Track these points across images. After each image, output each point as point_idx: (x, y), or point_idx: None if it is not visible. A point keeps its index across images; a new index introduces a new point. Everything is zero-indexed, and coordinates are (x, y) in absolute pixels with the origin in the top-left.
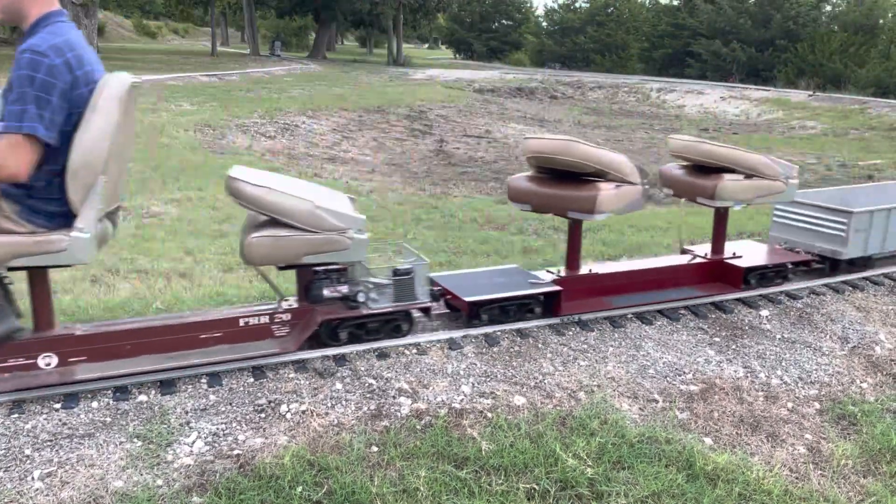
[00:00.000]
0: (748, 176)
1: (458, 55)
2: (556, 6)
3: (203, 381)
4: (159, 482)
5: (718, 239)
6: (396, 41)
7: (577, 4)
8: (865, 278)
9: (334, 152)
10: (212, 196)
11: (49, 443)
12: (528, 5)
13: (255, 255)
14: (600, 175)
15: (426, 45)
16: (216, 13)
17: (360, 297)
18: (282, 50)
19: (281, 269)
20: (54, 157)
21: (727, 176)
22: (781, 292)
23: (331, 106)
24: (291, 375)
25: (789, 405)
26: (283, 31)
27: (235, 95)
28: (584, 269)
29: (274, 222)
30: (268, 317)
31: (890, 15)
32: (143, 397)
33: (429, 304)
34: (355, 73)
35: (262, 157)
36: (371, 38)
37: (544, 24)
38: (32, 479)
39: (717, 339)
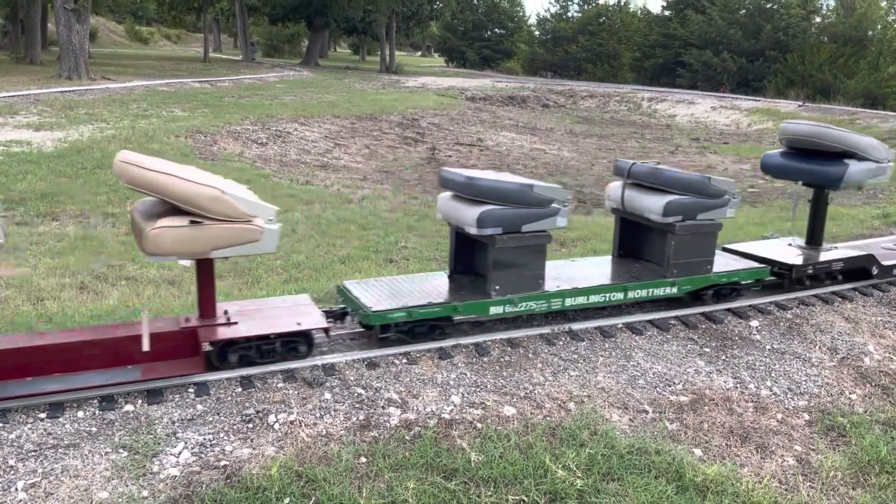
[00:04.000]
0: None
1: (450, 63)
2: (548, 15)
3: (191, 390)
4: (145, 493)
5: None
6: (389, 48)
7: (570, 14)
8: (854, 289)
9: (326, 159)
10: None
11: (34, 453)
12: (521, 14)
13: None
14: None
15: (419, 53)
16: (209, 19)
17: None
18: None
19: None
20: None
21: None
22: (771, 302)
23: (323, 113)
24: (280, 385)
25: (779, 416)
26: (275, 38)
27: (227, 102)
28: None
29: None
30: None
31: (879, 26)
32: (129, 407)
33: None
34: (348, 81)
35: (253, 164)
36: (364, 46)
37: (536, 32)
38: (16, 489)
39: (707, 350)
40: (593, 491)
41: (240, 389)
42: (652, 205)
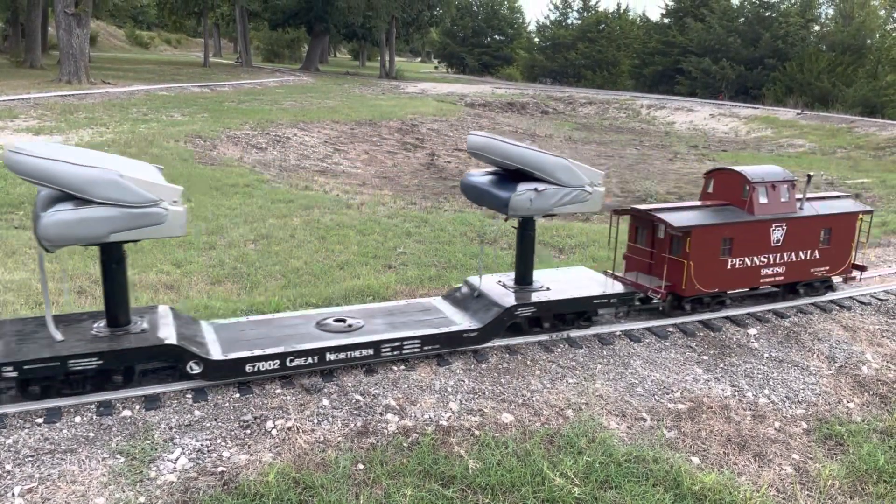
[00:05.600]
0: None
1: (449, 69)
2: (547, 22)
3: (188, 395)
4: (142, 500)
5: None
6: (389, 54)
7: (569, 21)
8: (852, 297)
9: (325, 165)
10: (202, 207)
11: (30, 458)
12: (521, 21)
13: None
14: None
15: (419, 59)
16: (209, 24)
17: None
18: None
19: None
20: None
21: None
22: (769, 310)
23: (323, 118)
24: (278, 391)
25: (776, 425)
26: (276, 44)
27: (227, 106)
28: None
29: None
30: None
31: (877, 35)
32: (127, 412)
33: None
34: (347, 86)
35: (253, 169)
36: (364, 51)
37: (536, 39)
38: (13, 495)
39: (705, 358)
40: (591, 499)
41: (237, 395)
42: None
